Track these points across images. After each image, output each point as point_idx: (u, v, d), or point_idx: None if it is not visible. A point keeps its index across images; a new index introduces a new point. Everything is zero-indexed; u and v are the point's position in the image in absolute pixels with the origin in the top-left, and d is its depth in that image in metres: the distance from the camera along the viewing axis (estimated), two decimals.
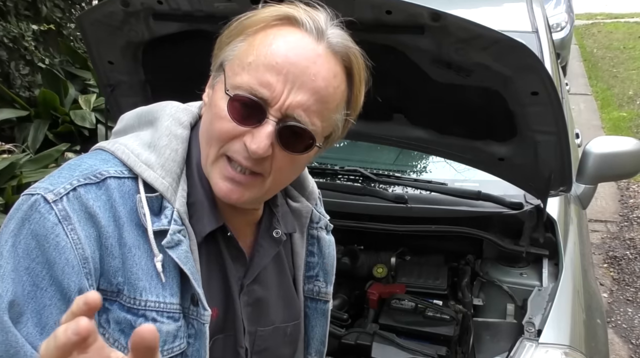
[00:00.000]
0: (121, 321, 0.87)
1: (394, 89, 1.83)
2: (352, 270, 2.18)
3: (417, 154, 2.60)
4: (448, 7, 1.48)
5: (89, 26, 1.78)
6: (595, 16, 12.86)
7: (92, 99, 4.72)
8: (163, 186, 0.90)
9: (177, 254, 0.89)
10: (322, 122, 0.90)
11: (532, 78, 1.54)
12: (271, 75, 0.85)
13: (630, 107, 7.53)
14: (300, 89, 0.86)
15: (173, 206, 0.91)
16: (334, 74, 0.89)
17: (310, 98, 0.86)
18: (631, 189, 5.42)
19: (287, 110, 0.86)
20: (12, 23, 4.52)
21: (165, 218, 0.90)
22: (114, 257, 0.86)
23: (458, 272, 2.13)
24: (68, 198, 0.85)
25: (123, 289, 0.87)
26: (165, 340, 0.90)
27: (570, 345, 1.61)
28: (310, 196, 1.14)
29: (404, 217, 2.13)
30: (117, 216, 0.87)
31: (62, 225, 0.83)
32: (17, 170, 3.69)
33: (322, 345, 1.21)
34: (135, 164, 0.91)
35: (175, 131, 0.95)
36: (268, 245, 1.04)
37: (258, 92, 0.85)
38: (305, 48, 0.87)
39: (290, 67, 0.85)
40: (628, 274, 4.15)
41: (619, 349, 3.41)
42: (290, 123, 0.87)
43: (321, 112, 0.89)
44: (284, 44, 0.87)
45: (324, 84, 0.87)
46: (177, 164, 0.93)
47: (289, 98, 0.86)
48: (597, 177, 2.43)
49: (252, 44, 0.88)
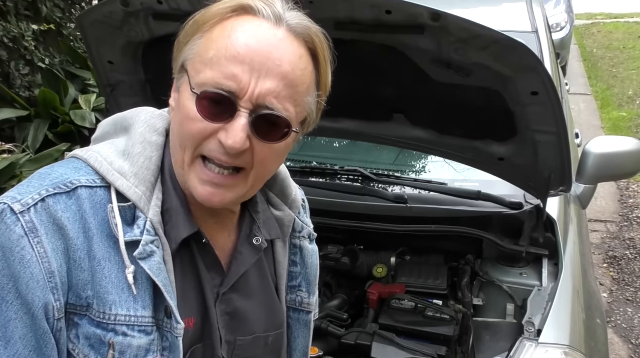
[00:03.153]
0: (91, 336, 0.85)
1: (394, 89, 1.83)
2: (352, 270, 2.18)
3: (417, 154, 2.60)
4: (448, 7, 1.48)
5: (89, 26, 1.79)
6: (595, 16, 12.86)
7: (92, 99, 4.72)
8: (136, 195, 0.88)
9: (150, 266, 0.86)
10: (296, 107, 0.88)
11: (532, 78, 1.54)
12: (235, 67, 0.83)
13: (630, 107, 7.53)
14: (268, 76, 0.83)
15: (146, 216, 0.88)
16: (299, 56, 0.87)
17: (280, 84, 0.84)
18: (631, 189, 5.42)
19: (257, 99, 0.83)
20: (12, 23, 4.52)
21: (138, 229, 0.87)
22: (83, 270, 0.84)
23: (458, 272, 2.13)
24: (36, 209, 0.82)
25: (92, 303, 0.85)
26: (137, 355, 0.87)
27: (570, 345, 1.61)
28: (293, 204, 1.10)
29: (404, 217, 2.13)
30: (87, 228, 0.85)
31: (29, 237, 0.80)
32: (17, 170, 3.69)
33: (304, 357, 1.19)
34: (108, 173, 0.88)
35: (150, 138, 0.92)
36: (248, 252, 1.01)
37: (225, 86, 0.83)
38: (265, 34, 0.85)
39: (253, 56, 0.83)
40: (628, 274, 4.15)
41: (619, 349, 3.41)
42: (264, 112, 0.84)
43: (292, 96, 0.86)
44: (243, 33, 0.84)
45: (291, 68, 0.85)
46: (151, 172, 0.91)
47: (257, 87, 0.83)
48: (597, 177, 2.43)
49: (211, 38, 0.86)
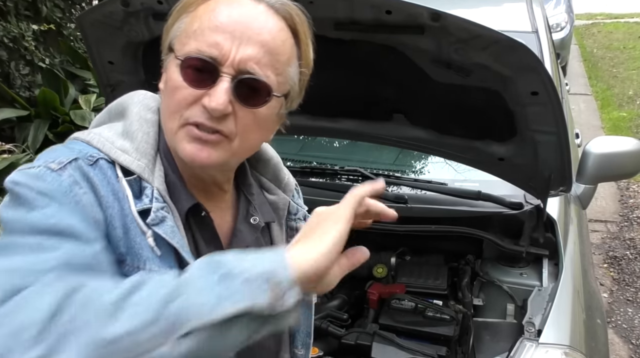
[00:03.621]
0: None
1: (394, 89, 1.83)
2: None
3: (417, 154, 2.60)
4: (448, 7, 1.48)
5: (89, 26, 1.78)
6: (595, 16, 12.85)
7: (92, 99, 4.72)
8: (139, 167, 0.92)
9: (164, 230, 0.90)
10: (277, 75, 0.91)
11: (532, 78, 1.54)
12: (217, 35, 0.87)
13: (630, 107, 7.53)
14: (248, 43, 0.88)
15: (152, 185, 0.92)
16: (278, 28, 0.91)
17: (260, 50, 0.88)
18: (631, 189, 5.42)
19: (239, 65, 0.87)
20: (12, 23, 4.52)
21: (147, 198, 0.91)
22: (114, 227, 0.87)
23: (458, 272, 2.13)
24: (71, 166, 0.86)
25: (126, 259, 0.88)
26: None
27: (570, 345, 1.61)
28: (287, 188, 1.15)
29: (404, 217, 2.12)
30: (115, 190, 0.89)
31: (77, 186, 0.84)
32: None
33: (308, 337, 1.21)
34: (111, 151, 0.92)
35: (145, 116, 0.97)
36: (247, 230, 1.04)
37: (207, 53, 0.87)
38: (246, 7, 0.90)
39: (234, 25, 0.88)
40: (628, 274, 4.15)
41: (619, 349, 3.41)
42: (245, 76, 0.88)
43: (273, 64, 0.90)
44: (225, 6, 0.90)
45: (270, 37, 0.90)
46: (150, 145, 0.95)
47: (238, 53, 0.87)
48: (597, 177, 2.43)
49: (195, 15, 0.91)
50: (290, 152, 2.69)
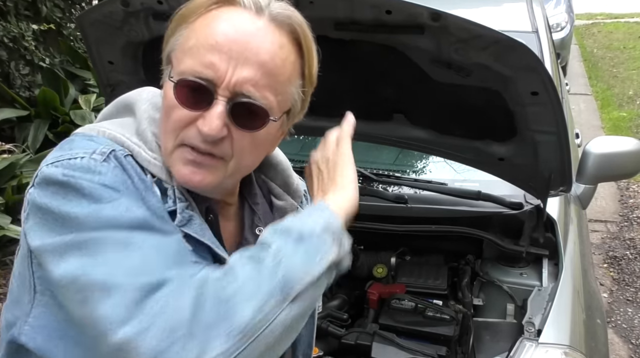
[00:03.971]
0: None
1: (394, 89, 1.83)
2: (352, 270, 2.17)
3: (417, 154, 2.60)
4: (448, 7, 1.48)
5: (89, 26, 1.78)
6: (595, 16, 12.85)
7: (92, 99, 4.72)
8: (156, 168, 0.90)
9: (194, 229, 0.88)
10: (276, 96, 0.88)
11: (532, 78, 1.54)
12: (213, 55, 0.84)
13: (630, 107, 7.53)
14: (245, 64, 0.84)
15: (172, 185, 0.90)
16: (279, 45, 0.87)
17: (257, 72, 0.85)
18: (631, 189, 5.41)
19: (235, 87, 0.84)
20: (12, 23, 4.52)
21: (170, 199, 0.88)
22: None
23: (458, 272, 2.13)
24: (112, 156, 0.84)
25: None
26: None
27: (570, 345, 1.61)
28: (295, 194, 1.12)
29: (404, 217, 2.13)
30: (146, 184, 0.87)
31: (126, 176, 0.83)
32: (17, 170, 3.69)
33: (309, 348, 1.19)
34: (131, 147, 0.90)
35: (154, 115, 0.94)
36: (253, 241, 1.01)
37: (202, 74, 0.84)
38: (244, 23, 0.86)
39: (231, 45, 0.84)
40: (628, 274, 4.15)
41: (619, 349, 3.41)
42: (241, 100, 0.85)
43: (272, 85, 0.87)
44: (222, 22, 0.86)
45: (269, 57, 0.86)
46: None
47: (234, 75, 0.84)
48: (597, 177, 2.43)
49: (193, 29, 0.88)
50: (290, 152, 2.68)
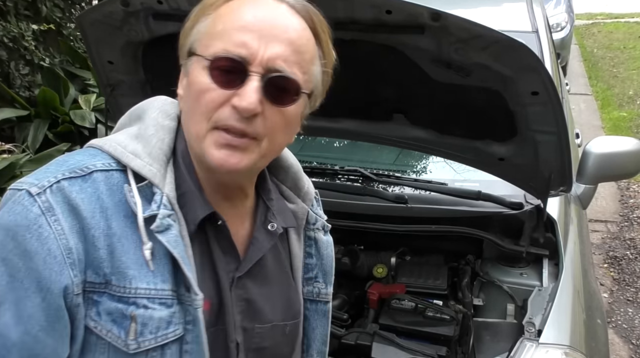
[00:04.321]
0: (112, 311, 0.88)
1: (394, 89, 1.83)
2: (352, 270, 2.18)
3: (417, 154, 2.60)
4: (448, 7, 1.48)
5: (89, 26, 1.78)
6: (595, 16, 12.85)
7: (92, 98, 4.72)
8: (150, 172, 0.91)
9: (167, 238, 0.88)
10: (303, 74, 0.91)
11: (532, 78, 1.54)
12: (244, 35, 0.87)
13: (630, 107, 7.53)
14: (275, 41, 0.88)
15: (162, 191, 0.91)
16: (302, 27, 0.92)
17: (287, 49, 0.88)
18: (631, 189, 5.42)
19: (267, 63, 0.87)
20: (12, 23, 4.52)
21: (155, 204, 0.89)
22: (98, 248, 0.86)
23: (458, 272, 2.13)
24: (51, 190, 0.85)
25: (111, 280, 0.87)
26: (159, 327, 0.90)
27: (571, 345, 1.61)
28: (306, 197, 1.13)
29: (404, 217, 2.13)
30: (104, 207, 0.87)
31: (46, 216, 0.83)
32: (17, 170, 3.68)
33: (323, 345, 1.20)
34: (122, 155, 0.91)
35: (162, 122, 0.96)
36: (263, 238, 1.03)
37: (236, 52, 0.87)
38: (269, 7, 0.91)
39: (260, 24, 0.88)
40: (628, 274, 4.15)
41: (619, 349, 3.41)
42: (274, 75, 0.88)
43: (299, 62, 0.90)
44: (249, 6, 0.90)
45: (296, 35, 0.90)
46: (163, 152, 0.94)
47: (267, 52, 0.87)
48: (597, 177, 2.43)
49: (218, 15, 0.91)
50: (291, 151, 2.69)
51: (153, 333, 0.89)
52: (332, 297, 1.19)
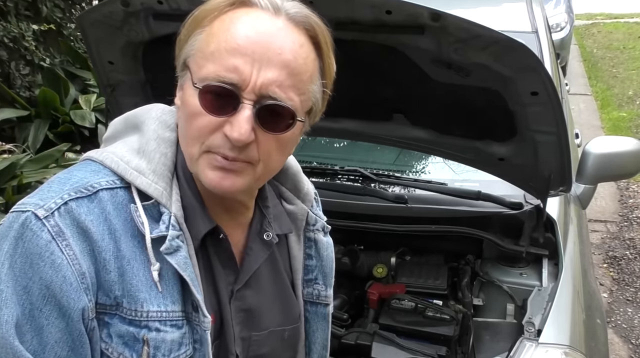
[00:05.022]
0: (123, 334, 0.86)
1: (394, 89, 1.83)
2: (352, 270, 2.18)
3: (417, 154, 2.60)
4: (448, 7, 1.48)
5: (89, 26, 1.78)
6: (595, 16, 12.85)
7: (92, 99, 4.73)
8: (157, 192, 0.88)
9: (177, 260, 0.87)
10: (300, 96, 0.87)
11: (532, 78, 1.54)
12: (236, 59, 0.82)
13: (630, 107, 7.53)
14: (269, 65, 0.83)
15: (170, 211, 0.89)
16: (299, 44, 0.87)
17: (281, 73, 0.84)
18: (631, 189, 5.42)
19: (260, 90, 0.83)
20: (12, 23, 4.52)
21: (163, 224, 0.87)
22: (109, 271, 0.84)
23: (458, 272, 2.13)
24: (60, 213, 0.82)
25: (122, 302, 0.85)
26: (171, 349, 0.89)
27: (570, 345, 1.61)
28: (306, 198, 1.11)
29: (404, 217, 2.13)
30: (112, 229, 0.85)
31: (56, 241, 0.81)
32: (18, 170, 3.69)
33: (324, 350, 1.19)
34: (126, 172, 0.89)
35: (163, 134, 0.93)
36: (258, 248, 1.01)
37: (227, 78, 0.83)
38: (264, 24, 0.85)
39: (253, 46, 0.83)
40: (628, 274, 4.15)
41: (619, 349, 3.41)
42: (267, 102, 0.84)
43: (296, 85, 0.86)
44: (242, 25, 0.84)
45: (292, 56, 0.85)
46: (167, 167, 0.91)
47: (259, 77, 0.83)
48: (596, 177, 2.43)
49: (210, 33, 0.86)
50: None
51: (166, 356, 0.88)
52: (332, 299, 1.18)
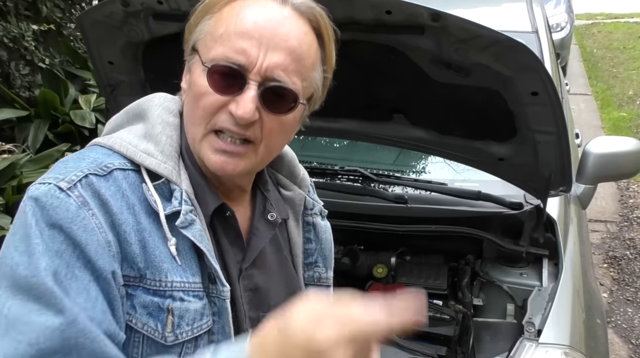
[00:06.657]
0: (148, 304, 0.88)
1: (394, 89, 1.83)
2: (352, 270, 2.18)
3: (417, 154, 2.60)
4: (448, 7, 1.48)
5: (89, 26, 1.79)
6: (595, 16, 12.86)
7: (92, 99, 4.71)
8: (167, 170, 0.92)
9: (192, 233, 0.90)
10: (302, 81, 0.92)
11: (532, 78, 1.54)
12: (244, 42, 0.87)
13: (630, 107, 7.53)
14: (275, 49, 0.88)
15: (181, 187, 0.92)
16: (304, 32, 0.92)
17: (287, 57, 0.89)
18: (631, 189, 5.42)
19: (266, 72, 0.88)
20: (12, 23, 4.52)
21: (176, 200, 0.91)
22: (130, 243, 0.86)
23: (458, 272, 2.13)
24: (81, 185, 0.85)
25: (145, 274, 0.88)
26: (194, 318, 0.92)
27: (570, 345, 1.61)
28: (302, 183, 1.16)
29: (404, 217, 2.13)
30: (130, 204, 0.88)
31: (84, 209, 0.83)
32: (18, 170, 3.68)
33: None
34: (135, 154, 0.92)
35: (167, 119, 0.97)
36: (264, 228, 1.05)
37: (234, 59, 0.87)
38: (271, 12, 0.90)
39: (261, 31, 0.88)
40: (628, 274, 4.15)
41: (619, 349, 3.41)
42: (272, 84, 0.89)
43: (299, 70, 0.91)
44: (251, 11, 0.89)
45: (297, 43, 0.90)
46: (174, 148, 0.95)
47: (265, 60, 0.87)
48: (597, 177, 2.43)
49: (220, 18, 0.91)
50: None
51: (189, 325, 0.91)
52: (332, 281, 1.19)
